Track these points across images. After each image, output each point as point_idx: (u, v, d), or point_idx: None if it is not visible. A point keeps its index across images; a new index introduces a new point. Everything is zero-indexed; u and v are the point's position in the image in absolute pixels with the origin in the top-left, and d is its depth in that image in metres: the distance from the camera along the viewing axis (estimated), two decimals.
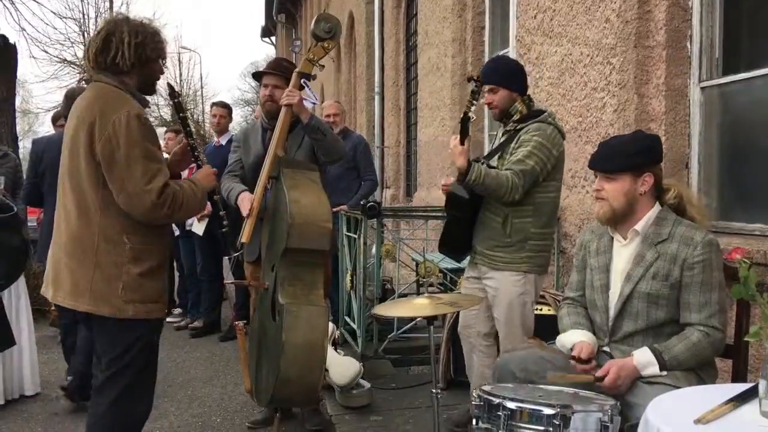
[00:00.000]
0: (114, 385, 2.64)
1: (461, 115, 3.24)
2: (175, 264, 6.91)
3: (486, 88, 3.28)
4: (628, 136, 2.69)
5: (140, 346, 2.65)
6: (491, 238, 3.26)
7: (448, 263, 5.13)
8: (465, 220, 3.34)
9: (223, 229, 3.12)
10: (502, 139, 3.35)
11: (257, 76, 3.95)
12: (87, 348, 3.99)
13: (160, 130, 7.18)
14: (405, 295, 5.09)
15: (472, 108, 3.24)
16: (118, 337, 2.63)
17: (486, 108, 3.54)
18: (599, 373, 2.34)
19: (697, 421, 1.70)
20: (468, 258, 3.52)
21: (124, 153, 2.45)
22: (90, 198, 2.55)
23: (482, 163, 3.14)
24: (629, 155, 2.45)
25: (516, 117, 3.26)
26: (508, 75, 3.28)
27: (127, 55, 2.57)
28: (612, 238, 2.57)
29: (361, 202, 4.77)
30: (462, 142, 3.10)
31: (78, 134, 2.55)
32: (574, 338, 2.51)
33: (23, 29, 17.66)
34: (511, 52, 5.70)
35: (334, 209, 5.37)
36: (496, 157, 3.28)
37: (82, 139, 2.52)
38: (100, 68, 2.62)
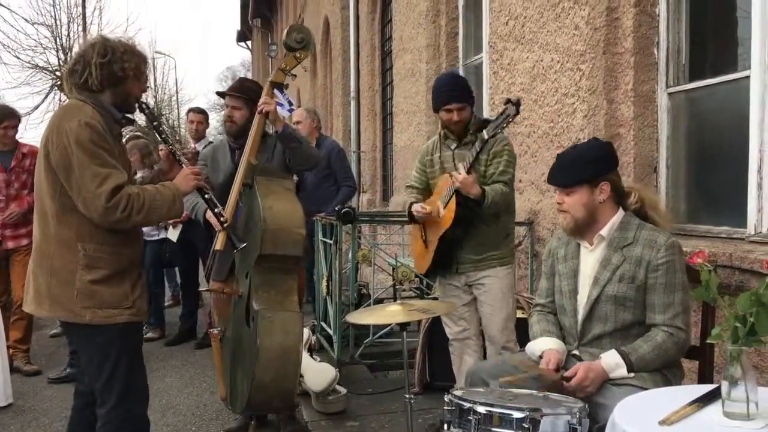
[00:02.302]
0: (109, 393, 2.66)
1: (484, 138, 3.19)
2: None
3: (456, 106, 3.39)
4: (581, 146, 2.72)
5: (116, 352, 2.65)
6: (482, 243, 3.42)
7: None
8: (458, 239, 3.42)
9: (225, 224, 3.15)
10: (461, 152, 3.42)
11: (221, 95, 3.97)
12: None
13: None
14: (381, 300, 5.11)
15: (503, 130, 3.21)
16: (91, 344, 2.65)
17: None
18: (568, 373, 2.38)
19: (662, 423, 1.74)
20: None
21: (77, 159, 2.49)
22: (47, 206, 2.60)
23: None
24: (581, 167, 2.52)
25: (472, 129, 3.45)
26: (471, 92, 3.51)
27: (95, 75, 2.62)
28: (578, 244, 2.63)
29: (336, 208, 4.78)
30: (468, 172, 3.23)
31: (41, 147, 2.63)
32: (543, 345, 2.55)
33: None
34: (484, 57, 5.76)
35: (315, 217, 5.43)
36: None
37: (42, 151, 2.60)
38: (75, 88, 2.67)
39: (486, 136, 3.18)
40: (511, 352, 3.36)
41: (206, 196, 3.01)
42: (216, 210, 3.08)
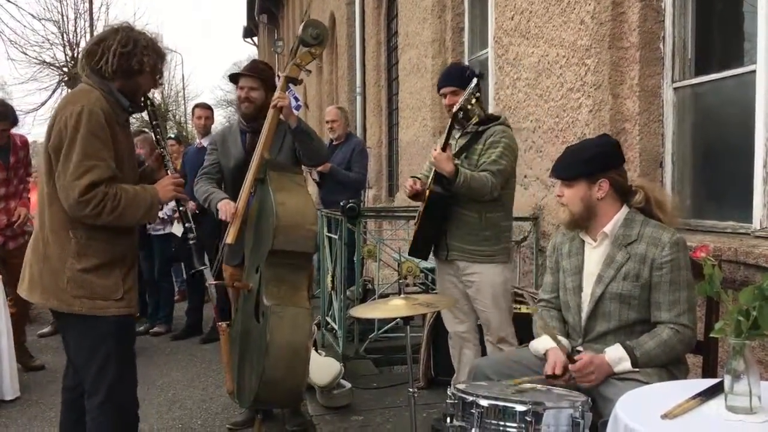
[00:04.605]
0: (97, 386, 2.66)
1: (454, 111, 3.28)
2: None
3: (446, 90, 3.46)
4: (588, 141, 2.73)
5: (106, 345, 2.64)
6: (469, 233, 3.40)
7: (430, 263, 5.15)
8: (440, 217, 3.43)
9: (191, 242, 3.07)
10: (461, 141, 3.47)
11: (233, 78, 3.96)
12: None
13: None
14: (386, 296, 5.11)
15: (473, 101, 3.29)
16: (81, 335, 2.66)
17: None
18: (576, 357, 2.38)
19: (665, 417, 1.74)
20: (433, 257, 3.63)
21: (67, 145, 2.48)
22: (43, 190, 2.60)
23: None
24: (581, 162, 2.52)
25: (475, 120, 3.42)
26: (464, 77, 3.46)
27: (110, 62, 2.59)
28: (583, 240, 2.62)
29: (341, 203, 4.78)
30: (444, 149, 3.24)
31: (48, 128, 2.62)
32: (547, 344, 2.53)
33: (1, 32, 17.50)
34: (490, 53, 5.75)
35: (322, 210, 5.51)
36: (462, 157, 3.42)
37: (47, 131, 2.59)
38: (89, 70, 2.65)
39: (457, 107, 3.23)
40: (509, 344, 3.39)
41: (181, 208, 2.99)
42: (187, 225, 3.03)
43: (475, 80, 3.24)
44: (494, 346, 3.45)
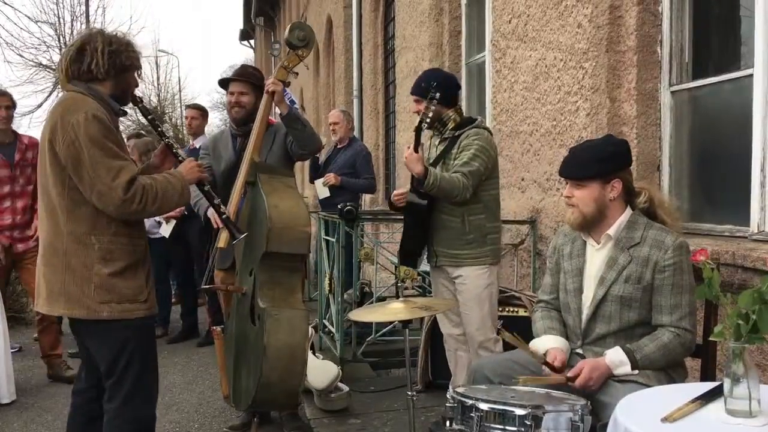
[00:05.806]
0: (119, 389, 2.68)
1: (416, 125, 3.37)
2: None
3: (413, 98, 3.52)
4: (596, 141, 2.70)
5: (131, 347, 2.67)
6: (453, 238, 3.44)
7: (426, 266, 5.15)
8: (420, 225, 3.47)
9: (224, 216, 3.12)
10: (441, 147, 3.51)
11: (223, 83, 3.97)
12: None
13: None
14: (384, 299, 5.11)
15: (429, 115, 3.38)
16: (105, 341, 2.67)
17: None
18: (571, 373, 2.37)
19: (665, 420, 1.74)
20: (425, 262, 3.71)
21: (87, 154, 2.50)
22: (56, 201, 2.60)
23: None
24: (596, 162, 2.49)
25: (451, 125, 3.46)
26: (428, 86, 3.46)
27: (101, 63, 2.62)
28: (585, 242, 2.61)
29: (339, 206, 4.79)
30: (416, 150, 3.28)
31: (44, 141, 2.62)
32: (547, 344, 2.53)
33: None
34: (487, 56, 5.75)
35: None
36: (440, 164, 3.47)
37: (47, 145, 2.59)
38: (73, 77, 2.67)
39: (424, 125, 3.29)
40: (489, 350, 3.39)
41: (205, 188, 3.01)
42: (215, 202, 3.06)
43: (436, 94, 3.29)
44: (474, 352, 3.45)
